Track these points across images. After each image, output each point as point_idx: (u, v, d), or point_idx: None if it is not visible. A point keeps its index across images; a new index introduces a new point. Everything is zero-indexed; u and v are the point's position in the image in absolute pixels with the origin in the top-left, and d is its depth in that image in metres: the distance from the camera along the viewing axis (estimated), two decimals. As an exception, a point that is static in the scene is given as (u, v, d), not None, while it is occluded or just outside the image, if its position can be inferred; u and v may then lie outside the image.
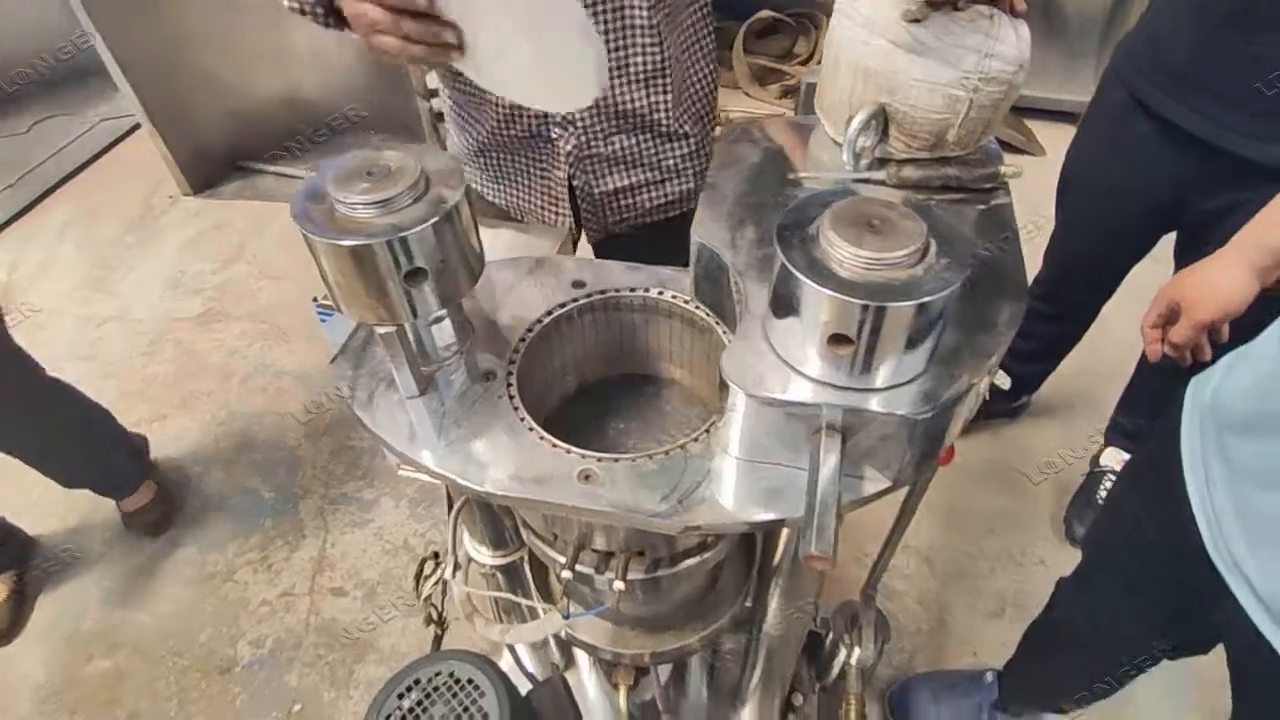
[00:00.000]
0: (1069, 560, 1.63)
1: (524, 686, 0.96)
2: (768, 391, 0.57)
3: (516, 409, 0.68)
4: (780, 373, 0.58)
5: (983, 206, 0.76)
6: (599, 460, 0.64)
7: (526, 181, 1.06)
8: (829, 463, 0.55)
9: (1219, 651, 0.89)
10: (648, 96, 0.99)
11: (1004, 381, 1.98)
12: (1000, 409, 1.89)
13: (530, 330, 0.75)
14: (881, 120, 0.74)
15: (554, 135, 0.99)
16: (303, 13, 0.81)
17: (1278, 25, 1.03)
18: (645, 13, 0.92)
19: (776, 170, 0.79)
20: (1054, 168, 1.46)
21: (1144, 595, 0.94)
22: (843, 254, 0.53)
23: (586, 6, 0.87)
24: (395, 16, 0.69)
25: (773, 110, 2.90)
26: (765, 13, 3.02)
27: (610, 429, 0.80)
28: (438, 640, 1.17)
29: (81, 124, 3.11)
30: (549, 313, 0.77)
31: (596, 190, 1.05)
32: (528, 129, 0.98)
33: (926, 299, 0.51)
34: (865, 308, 0.51)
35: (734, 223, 0.72)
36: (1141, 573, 0.93)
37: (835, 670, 1.19)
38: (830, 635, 1.21)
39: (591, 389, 0.85)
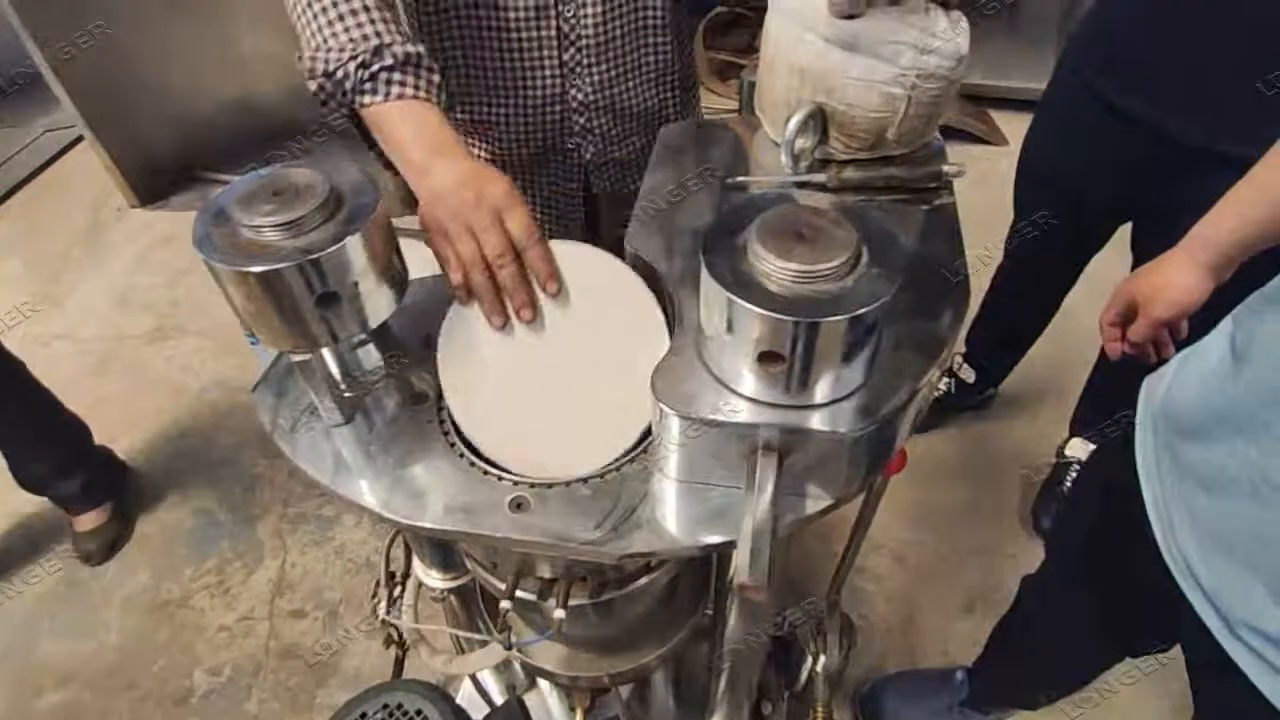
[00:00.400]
0: (1038, 553, 1.63)
1: (483, 710, 0.94)
2: (698, 412, 0.54)
3: (447, 434, 0.65)
4: (712, 391, 0.55)
5: (926, 206, 0.74)
6: (531, 487, 0.61)
7: (533, 198, 1.03)
8: (765, 486, 0.53)
9: None
10: (658, 94, 0.98)
11: (969, 375, 1.98)
12: (967, 402, 1.88)
13: (463, 349, 0.72)
14: (820, 120, 0.72)
15: (570, 147, 0.97)
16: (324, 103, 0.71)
17: (1229, 15, 1.02)
18: (660, 11, 0.90)
19: (715, 175, 0.77)
20: (1016, 157, 1.44)
21: (1104, 593, 0.94)
22: (770, 267, 0.50)
23: (602, 6, 0.86)
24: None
25: (733, 106, 2.88)
26: (725, 7, 3.00)
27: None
28: (399, 662, 1.14)
29: (26, 135, 3.01)
30: (483, 329, 0.74)
31: (624, 192, 1.03)
32: (542, 144, 0.95)
33: (859, 311, 0.49)
34: (796, 324, 0.49)
35: (670, 231, 0.69)
36: (1101, 571, 0.93)
37: (804, 677, 1.18)
38: (797, 642, 1.19)
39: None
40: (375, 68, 0.65)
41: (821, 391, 0.54)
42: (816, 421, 0.54)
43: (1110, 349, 0.99)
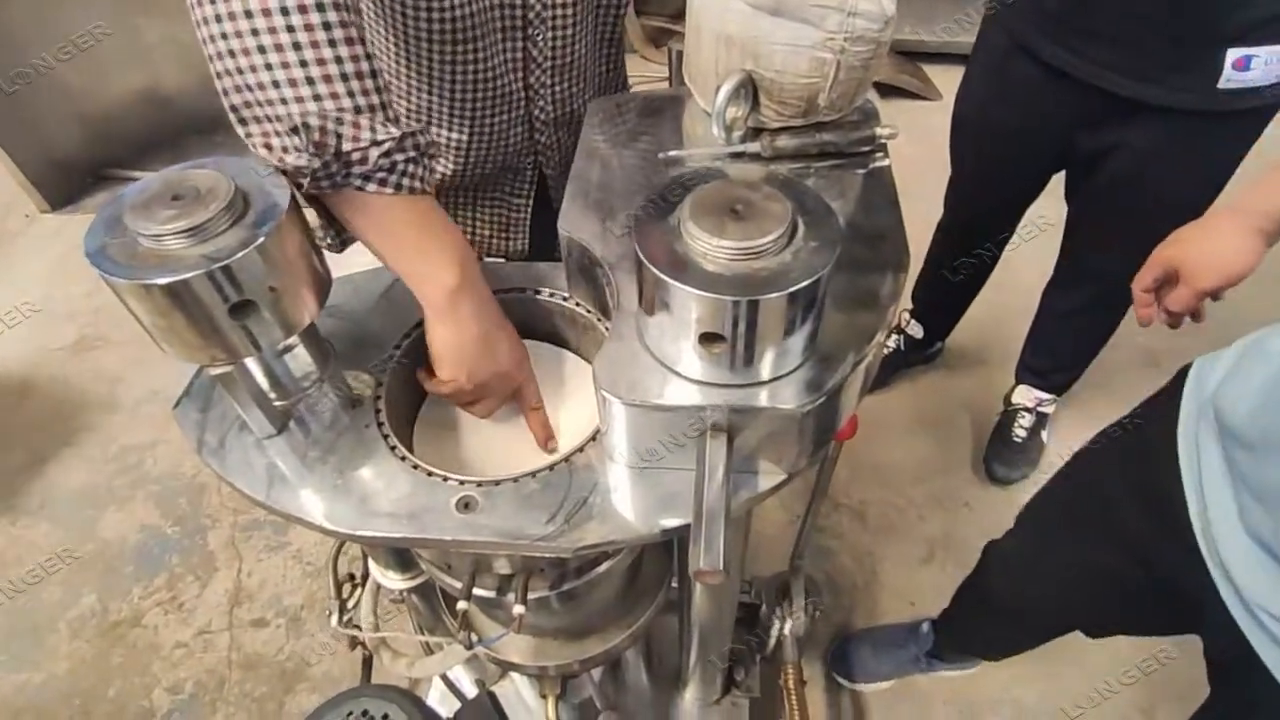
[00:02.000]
0: (991, 500, 1.69)
1: (455, 706, 0.93)
2: (643, 397, 0.53)
3: (386, 436, 0.63)
4: (656, 375, 0.54)
5: (863, 170, 0.73)
6: (479, 485, 0.59)
7: (479, 215, 0.98)
8: (716, 469, 0.52)
9: None
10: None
11: (916, 330, 2.01)
12: (915, 358, 1.92)
13: (398, 346, 0.69)
14: (750, 89, 0.70)
15: (526, 165, 0.93)
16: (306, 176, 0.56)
17: None
18: (616, 26, 0.89)
19: (648, 149, 0.75)
20: (950, 111, 1.45)
21: (1100, 577, 0.93)
22: (705, 246, 0.49)
23: (570, 29, 0.82)
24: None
25: (666, 74, 2.83)
26: (655, -28, 2.94)
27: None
28: (367, 663, 1.12)
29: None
30: (419, 324, 0.71)
31: None
32: (501, 164, 0.91)
33: (798, 286, 0.48)
34: (736, 304, 0.48)
35: (604, 211, 0.67)
36: (1105, 555, 0.90)
37: (773, 640, 1.20)
38: (764, 606, 1.20)
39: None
40: (398, 157, 0.55)
41: (767, 368, 0.53)
42: (764, 399, 0.53)
43: (1142, 315, 0.93)
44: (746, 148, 0.72)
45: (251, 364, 0.60)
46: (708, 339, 0.50)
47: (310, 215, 0.59)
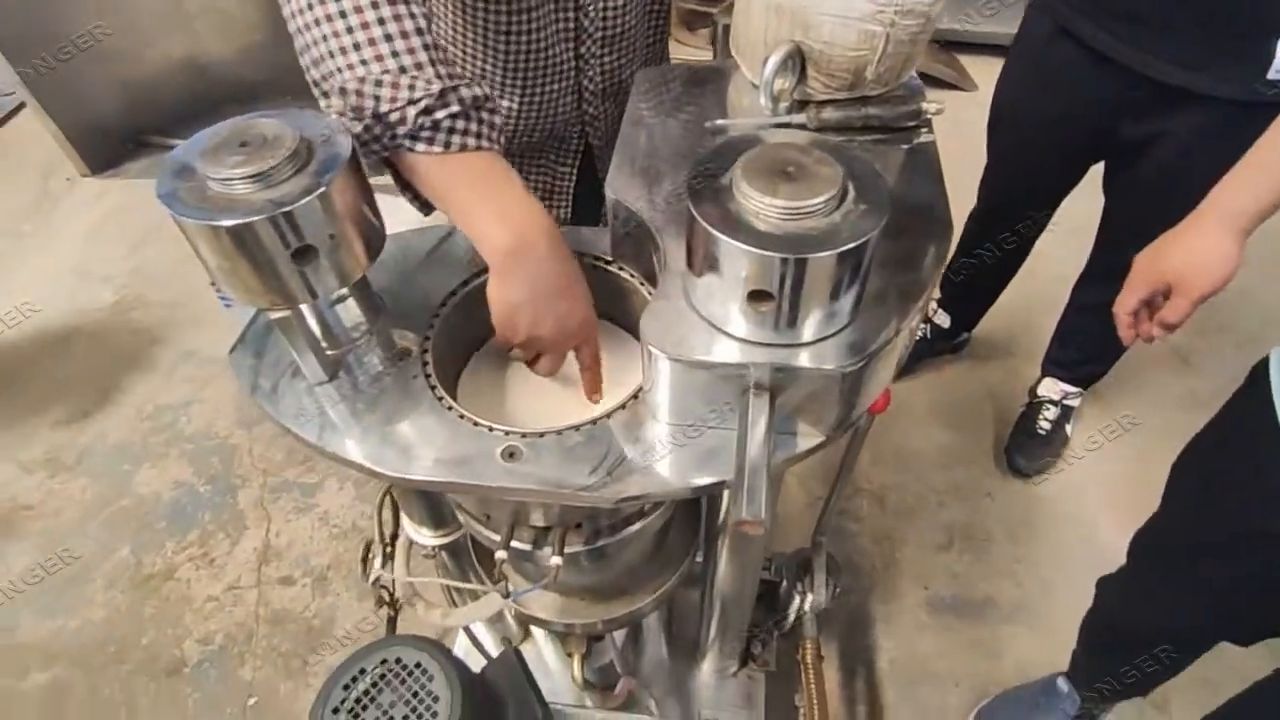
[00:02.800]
0: (1012, 491, 1.69)
1: (480, 664, 0.95)
2: (690, 354, 0.54)
3: (434, 387, 0.65)
4: (702, 333, 0.55)
5: (907, 146, 0.74)
6: (523, 436, 0.61)
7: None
8: (758, 424, 0.53)
9: None
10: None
11: (944, 320, 2.00)
12: (942, 347, 1.91)
13: (444, 303, 0.71)
14: (798, 60, 0.71)
15: (573, 135, 0.94)
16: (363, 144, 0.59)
17: None
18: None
19: (694, 118, 0.76)
20: (987, 102, 1.44)
21: (1226, 579, 0.91)
22: (757, 205, 0.50)
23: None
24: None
25: (702, 56, 2.82)
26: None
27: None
28: (392, 622, 1.14)
29: (-39, 105, 2.87)
30: (465, 282, 0.73)
31: None
32: (549, 133, 0.91)
33: (847, 247, 0.49)
34: (785, 261, 0.49)
35: (650, 176, 0.68)
36: (1224, 558, 0.90)
37: (792, 617, 1.21)
38: (784, 583, 1.22)
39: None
40: (439, 115, 0.55)
41: (810, 329, 0.54)
42: (806, 359, 0.54)
43: (1126, 335, 0.93)
44: (792, 119, 0.73)
45: (307, 311, 0.62)
46: (756, 297, 0.51)
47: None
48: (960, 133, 1.67)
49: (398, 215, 0.69)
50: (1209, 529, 0.92)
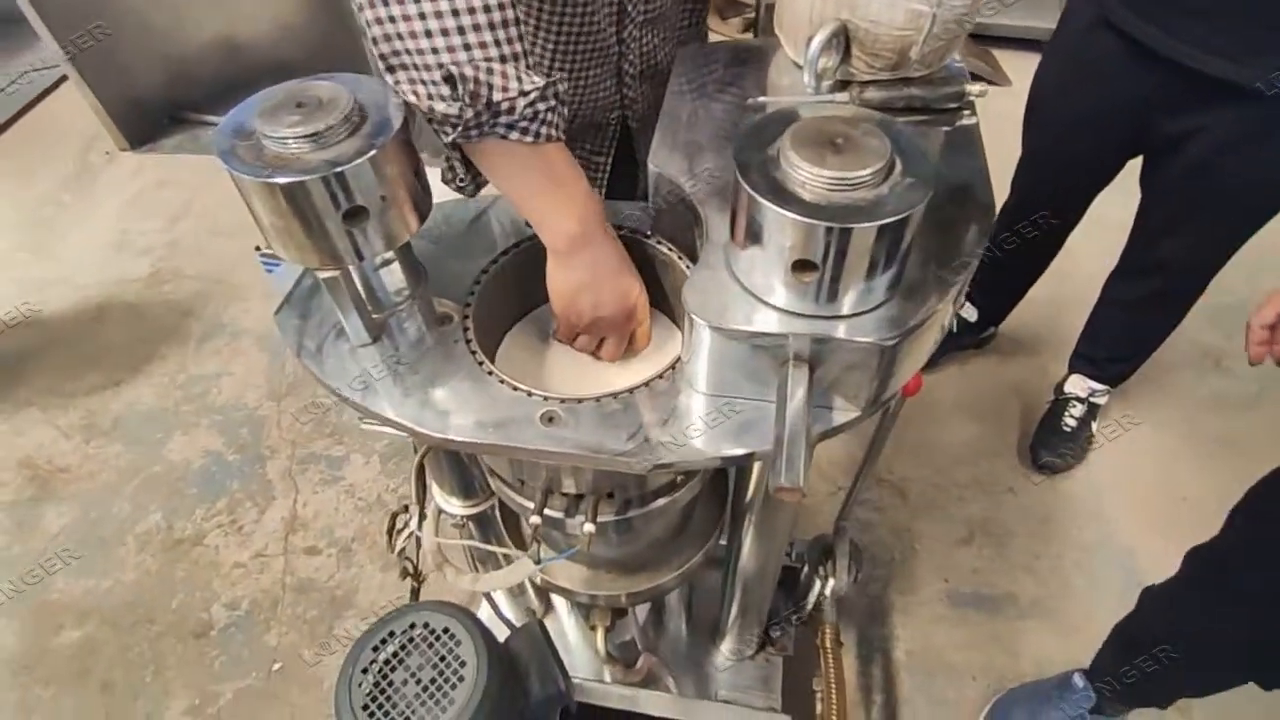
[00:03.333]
0: (1035, 487, 1.68)
1: (503, 634, 0.97)
2: (731, 323, 0.55)
3: (474, 353, 0.66)
4: (744, 303, 0.56)
5: (948, 128, 0.74)
6: (562, 402, 0.62)
7: None
8: (797, 394, 0.54)
9: None
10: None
11: (970, 314, 1.99)
12: (968, 341, 1.90)
13: (485, 271, 0.72)
14: (843, 39, 0.71)
15: (611, 120, 0.94)
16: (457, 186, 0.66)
17: None
18: None
19: (735, 96, 0.76)
20: (1021, 98, 1.43)
21: (1252, 618, 0.90)
22: (805, 175, 0.50)
23: None
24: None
25: (736, 45, 2.81)
26: (725, -59, 2.90)
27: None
28: (415, 593, 1.16)
29: (5, 77, 2.92)
30: (504, 252, 0.74)
31: None
32: (588, 118, 0.92)
33: (892, 219, 0.49)
34: (830, 230, 0.49)
35: (691, 151, 0.69)
36: (1252, 595, 0.89)
37: (811, 602, 1.22)
38: (805, 569, 1.22)
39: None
40: (541, 106, 0.57)
41: (851, 302, 0.55)
42: (846, 331, 0.55)
43: (1255, 352, 0.86)
44: (835, 98, 0.73)
45: (353, 273, 0.64)
46: (800, 267, 0.52)
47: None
48: (995, 127, 1.65)
49: (440, 185, 0.70)
50: (1262, 560, 0.90)
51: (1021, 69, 2.68)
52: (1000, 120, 1.48)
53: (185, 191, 2.41)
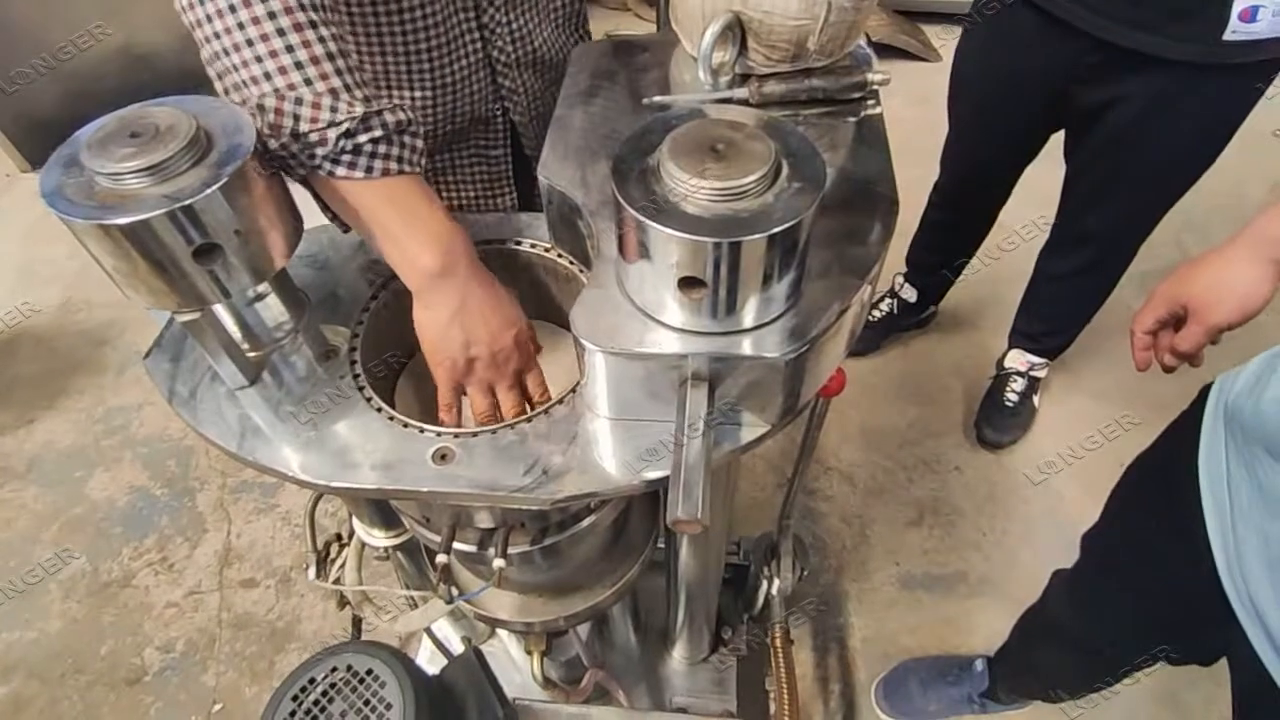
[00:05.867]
0: (981, 464, 1.69)
1: (443, 664, 0.93)
2: (622, 345, 0.52)
3: (362, 388, 0.61)
4: (636, 323, 0.53)
5: (854, 118, 0.71)
6: (455, 437, 0.58)
7: (459, 176, 0.94)
8: (696, 418, 0.51)
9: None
10: (568, 38, 0.90)
11: (910, 294, 1.99)
12: (908, 322, 1.90)
13: (374, 297, 0.68)
14: (738, 32, 0.68)
15: (495, 114, 0.88)
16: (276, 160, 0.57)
17: None
18: None
19: (632, 95, 0.72)
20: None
21: (1147, 604, 0.90)
22: (685, 186, 0.47)
23: None
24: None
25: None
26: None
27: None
28: (357, 623, 1.12)
29: (-108, 100, 2.73)
30: (394, 275, 0.69)
31: None
32: (469, 117, 0.86)
33: (780, 228, 0.46)
34: (716, 245, 0.46)
35: (584, 158, 0.65)
36: (1145, 582, 0.88)
37: (761, 600, 1.20)
38: (752, 567, 1.21)
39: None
40: (361, 139, 0.53)
41: (749, 315, 0.52)
42: (745, 347, 0.52)
43: (1140, 358, 0.85)
44: (734, 93, 0.70)
45: (221, 311, 0.59)
46: (688, 284, 0.49)
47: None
48: (926, 103, 1.65)
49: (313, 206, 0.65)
50: (1137, 538, 0.91)
51: (951, 44, 2.69)
52: (936, 99, 1.47)
53: (96, 212, 2.28)
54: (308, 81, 0.52)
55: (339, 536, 0.96)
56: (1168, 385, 0.93)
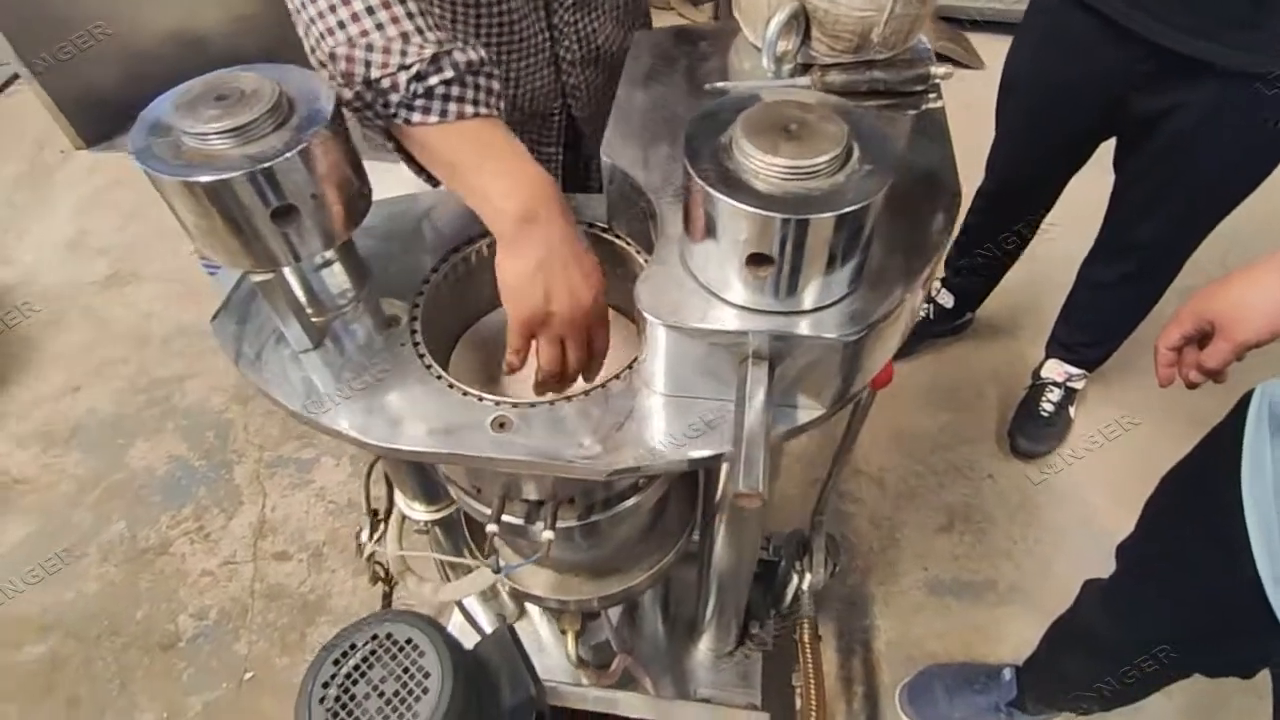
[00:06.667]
0: (1015, 473, 1.67)
1: (474, 640, 0.94)
2: (686, 321, 0.52)
3: (422, 356, 0.63)
4: (699, 300, 0.53)
5: (914, 111, 0.71)
6: (514, 406, 0.59)
7: None
8: (756, 393, 0.51)
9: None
10: (624, 33, 0.91)
11: (947, 299, 1.97)
12: (944, 328, 1.89)
13: (435, 270, 0.69)
14: (802, 21, 0.68)
15: (554, 110, 0.89)
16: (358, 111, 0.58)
17: None
18: None
19: (693, 82, 0.73)
20: (995, 80, 1.41)
21: (1184, 613, 0.88)
22: (757, 164, 0.48)
23: None
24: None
25: (708, 30, 2.77)
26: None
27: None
28: (387, 597, 1.13)
29: (-45, 75, 2.83)
30: (455, 249, 0.70)
31: None
32: (528, 110, 0.87)
33: (851, 208, 0.47)
34: (785, 222, 0.47)
35: (646, 139, 0.66)
36: (1183, 591, 0.87)
37: (789, 596, 1.20)
38: (782, 563, 1.21)
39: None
40: (433, 81, 0.53)
41: (811, 296, 0.52)
42: (806, 327, 0.52)
43: (1163, 375, 0.84)
44: (795, 82, 0.70)
45: (290, 275, 0.60)
46: (755, 261, 0.49)
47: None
48: (969, 110, 1.63)
49: (385, 181, 0.67)
50: (1175, 548, 0.90)
51: (995, 51, 2.66)
52: (979, 106, 1.47)
53: (140, 191, 2.33)
54: (379, 26, 0.53)
55: (375, 513, 0.97)
56: (1203, 399, 0.91)
